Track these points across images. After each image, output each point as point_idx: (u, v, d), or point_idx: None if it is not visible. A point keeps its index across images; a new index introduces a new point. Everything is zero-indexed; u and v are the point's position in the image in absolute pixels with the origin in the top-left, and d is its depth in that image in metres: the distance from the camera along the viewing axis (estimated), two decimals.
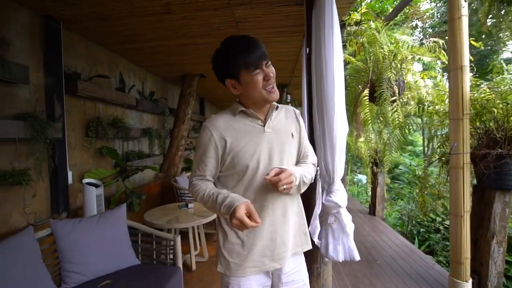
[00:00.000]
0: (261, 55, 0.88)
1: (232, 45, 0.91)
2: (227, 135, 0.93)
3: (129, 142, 3.39)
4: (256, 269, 0.97)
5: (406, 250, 2.82)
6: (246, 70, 0.88)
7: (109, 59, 3.07)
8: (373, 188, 3.89)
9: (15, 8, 1.97)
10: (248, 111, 0.95)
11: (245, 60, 0.87)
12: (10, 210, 1.89)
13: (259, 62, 0.88)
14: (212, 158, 0.95)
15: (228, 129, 0.94)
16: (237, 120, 0.96)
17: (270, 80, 0.91)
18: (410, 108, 2.30)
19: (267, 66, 0.91)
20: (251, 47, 0.88)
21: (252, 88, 0.91)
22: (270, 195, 0.95)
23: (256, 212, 0.85)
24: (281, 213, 0.98)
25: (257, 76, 0.89)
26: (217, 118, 0.97)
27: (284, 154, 0.98)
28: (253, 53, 0.87)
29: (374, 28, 2.66)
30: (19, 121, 1.85)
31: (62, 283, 1.50)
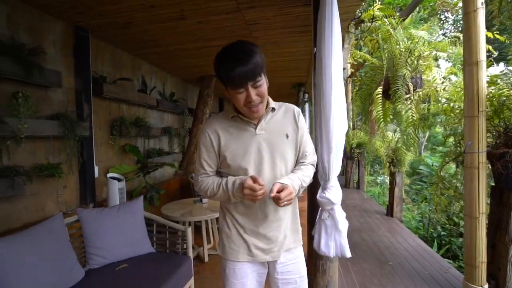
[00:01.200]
0: (247, 75, 0.85)
1: (224, 57, 0.88)
2: (221, 134, 0.99)
3: (150, 140, 3.62)
4: (249, 258, 1.04)
5: (422, 252, 2.73)
6: (230, 87, 0.89)
7: (132, 63, 3.30)
8: (390, 189, 3.78)
9: (51, 21, 2.22)
10: (239, 116, 0.99)
11: (228, 78, 0.86)
12: (45, 199, 2.13)
13: (243, 83, 0.86)
14: (211, 154, 1.02)
15: (223, 130, 1.00)
16: (231, 124, 1.01)
17: (251, 102, 0.89)
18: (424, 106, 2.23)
19: (254, 86, 0.88)
20: (238, 65, 0.83)
21: (235, 102, 0.93)
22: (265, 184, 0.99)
23: (251, 206, 0.99)
24: (273, 210, 1.02)
25: (238, 95, 0.89)
26: (212, 120, 1.04)
27: (276, 154, 1.00)
28: (237, 73, 0.83)
29: (389, 24, 2.60)
30: (53, 121, 2.09)
31: (87, 264, 1.69)
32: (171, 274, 1.65)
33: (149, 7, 2.12)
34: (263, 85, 0.90)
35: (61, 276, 1.43)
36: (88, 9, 2.12)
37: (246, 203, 1.02)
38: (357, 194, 5.42)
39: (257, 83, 0.88)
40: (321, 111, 1.67)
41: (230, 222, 1.06)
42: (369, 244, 2.97)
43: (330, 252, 1.60)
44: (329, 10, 1.58)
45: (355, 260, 2.57)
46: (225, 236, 1.06)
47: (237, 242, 1.04)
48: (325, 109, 1.64)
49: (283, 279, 1.08)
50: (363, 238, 3.14)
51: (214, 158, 1.03)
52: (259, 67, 0.86)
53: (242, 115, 0.98)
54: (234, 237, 1.04)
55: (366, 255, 2.68)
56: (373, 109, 2.70)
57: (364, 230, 3.40)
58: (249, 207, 1.02)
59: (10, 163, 1.84)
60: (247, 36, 2.82)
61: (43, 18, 2.14)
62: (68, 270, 1.47)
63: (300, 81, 5.11)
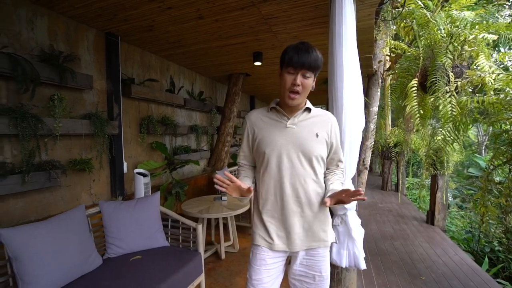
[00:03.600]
0: (304, 62, 0.99)
1: (295, 44, 1.04)
2: (255, 126, 1.14)
3: (177, 138, 3.78)
4: (267, 244, 1.10)
5: (466, 269, 2.37)
6: (285, 66, 1.03)
7: (160, 64, 3.48)
8: (431, 193, 3.35)
9: (85, 29, 2.44)
10: (277, 107, 1.11)
11: (289, 57, 1.01)
12: (79, 191, 2.37)
13: (298, 66, 1.00)
14: (246, 145, 1.18)
15: (258, 121, 1.14)
16: (268, 115, 1.14)
17: (295, 87, 1.02)
18: (465, 98, 1.89)
19: (304, 75, 1.01)
20: (301, 52, 0.99)
21: (282, 83, 1.05)
22: (282, 181, 1.07)
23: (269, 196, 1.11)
24: (294, 203, 1.08)
25: (287, 75, 1.03)
26: (253, 112, 1.19)
27: (301, 149, 1.07)
28: (297, 56, 0.99)
29: (425, 7, 2.29)
30: (85, 120, 2.30)
31: (106, 253, 1.82)
32: (179, 269, 1.69)
33: (166, 9, 2.19)
34: (310, 80, 1.04)
35: (80, 261, 1.56)
36: (114, 15, 2.27)
37: (268, 189, 1.10)
38: (394, 197, 4.96)
39: (307, 75, 1.02)
40: (333, 109, 1.54)
41: (256, 206, 1.17)
42: (401, 254, 2.68)
43: (342, 261, 1.48)
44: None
45: (382, 271, 2.34)
46: (253, 219, 1.18)
47: (259, 225, 1.13)
48: (337, 107, 1.52)
49: (300, 272, 1.12)
50: (395, 246, 2.85)
51: (247, 149, 1.18)
52: (316, 65, 1.01)
53: (278, 107, 1.11)
54: (256, 220, 1.15)
55: (395, 266, 2.42)
56: (406, 104, 2.41)
57: (398, 238, 3.09)
58: (271, 192, 1.09)
59: (48, 158, 2.08)
60: (267, 31, 2.75)
61: (78, 27, 2.36)
62: (86, 257, 1.61)
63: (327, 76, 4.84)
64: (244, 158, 1.20)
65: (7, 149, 1.86)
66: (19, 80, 1.76)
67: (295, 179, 1.07)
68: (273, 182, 1.08)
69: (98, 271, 1.62)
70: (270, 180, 1.09)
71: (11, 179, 1.78)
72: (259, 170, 1.14)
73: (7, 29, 1.87)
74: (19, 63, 1.78)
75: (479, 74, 1.88)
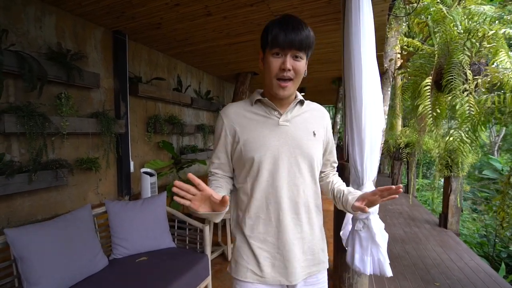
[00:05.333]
0: (294, 40, 0.77)
1: (278, 19, 0.83)
2: (236, 124, 0.87)
3: (185, 137, 3.76)
4: (259, 279, 0.85)
5: (482, 275, 2.27)
6: (269, 47, 0.81)
7: (168, 63, 3.45)
8: (445, 196, 3.24)
9: (92, 27, 2.42)
10: (264, 100, 0.87)
11: (273, 36, 0.78)
12: (86, 190, 2.36)
13: (285, 47, 0.78)
14: (222, 150, 0.90)
15: (239, 117, 0.88)
16: (252, 109, 0.89)
17: (285, 72, 0.80)
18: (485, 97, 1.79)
19: (294, 58, 0.80)
20: (288, 27, 0.78)
21: (267, 70, 0.83)
22: (278, 195, 0.84)
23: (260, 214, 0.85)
24: (292, 221, 0.85)
25: (273, 59, 0.80)
26: (231, 105, 0.92)
27: (298, 151, 0.86)
28: (283, 34, 0.77)
29: (441, 2, 2.19)
30: (92, 119, 2.28)
31: (111, 254, 1.80)
32: (185, 271, 1.66)
33: (174, 5, 2.16)
34: (302, 63, 0.82)
35: (85, 262, 1.54)
36: (121, 13, 2.25)
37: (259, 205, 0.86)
38: (405, 199, 4.84)
39: (298, 57, 0.81)
40: (352, 108, 1.48)
41: (238, 229, 0.90)
42: (413, 258, 2.59)
43: (366, 269, 1.40)
44: None
45: (394, 275, 2.25)
46: (235, 247, 0.90)
47: (246, 256, 0.86)
48: (355, 106, 1.45)
49: None
50: (407, 251, 2.76)
51: (224, 155, 0.91)
52: (307, 43, 0.80)
53: (266, 100, 0.87)
54: (243, 249, 0.87)
55: (408, 271, 2.34)
56: (419, 103, 2.32)
57: (409, 241, 2.99)
58: (263, 210, 0.86)
59: (55, 157, 2.07)
60: None
61: (85, 25, 2.35)
62: (91, 258, 1.58)
63: (339, 75, 4.75)
64: (218, 167, 0.91)
65: (14, 147, 1.85)
66: (27, 78, 1.75)
67: (294, 191, 0.85)
68: (266, 196, 0.84)
69: (104, 273, 1.60)
70: (261, 194, 0.84)
71: (19, 177, 1.77)
72: (243, 182, 0.88)
73: (16, 28, 1.86)
74: (26, 61, 1.77)
75: (501, 71, 1.78)
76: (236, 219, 0.92)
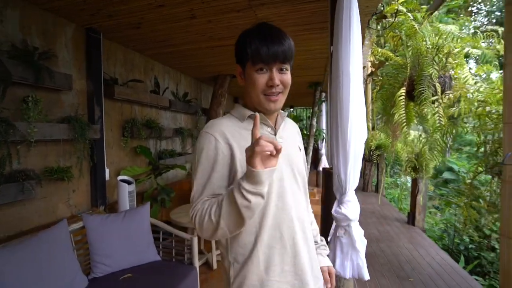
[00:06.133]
0: (277, 54, 0.71)
1: (254, 29, 0.76)
2: (233, 142, 0.74)
3: (162, 141, 3.60)
4: None
5: (448, 269, 2.51)
6: (251, 63, 0.74)
7: (145, 64, 3.28)
8: (412, 196, 3.53)
9: (63, 24, 2.21)
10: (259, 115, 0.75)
11: (254, 50, 0.72)
12: (57, 202, 2.15)
13: (270, 61, 0.72)
14: (222, 173, 0.73)
15: (235, 136, 0.75)
16: (245, 126, 0.78)
17: (274, 88, 0.73)
18: (454, 109, 2.00)
19: (280, 71, 0.74)
20: (269, 40, 0.72)
21: (251, 86, 0.75)
22: (290, 219, 0.76)
23: (274, 244, 0.74)
24: (302, 241, 0.78)
25: (258, 75, 0.73)
26: (220, 122, 0.79)
27: (294, 168, 0.82)
28: (265, 47, 0.71)
29: (414, 19, 2.38)
30: (64, 124, 2.09)
31: (91, 272, 1.66)
32: (175, 286, 1.59)
33: (157, 6, 2.06)
34: (288, 74, 0.77)
35: (63, 286, 1.40)
36: (97, 10, 2.09)
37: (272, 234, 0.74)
38: (375, 198, 5.16)
39: (283, 69, 0.75)
40: (338, 118, 1.53)
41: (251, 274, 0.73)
42: (388, 256, 2.78)
43: (346, 273, 1.48)
44: (347, 6, 1.43)
45: (373, 274, 2.39)
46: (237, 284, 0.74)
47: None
48: (342, 116, 1.50)
49: None
50: (382, 249, 2.94)
51: (224, 178, 0.73)
52: (290, 53, 0.75)
53: (261, 115, 0.78)
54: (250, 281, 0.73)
55: (385, 269, 2.50)
56: (395, 111, 2.49)
57: (383, 239, 3.20)
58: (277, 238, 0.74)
59: (21, 167, 1.86)
60: None
61: (55, 21, 2.14)
62: (70, 280, 1.45)
63: (317, 80, 4.92)
64: (211, 193, 0.72)
65: None
66: None
67: (299, 209, 0.80)
68: (278, 223, 0.75)
69: None
70: (273, 221, 0.74)
71: None
72: None
73: None
74: None
75: (468, 87, 1.98)
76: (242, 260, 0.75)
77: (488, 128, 1.96)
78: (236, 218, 0.62)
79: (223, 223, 0.63)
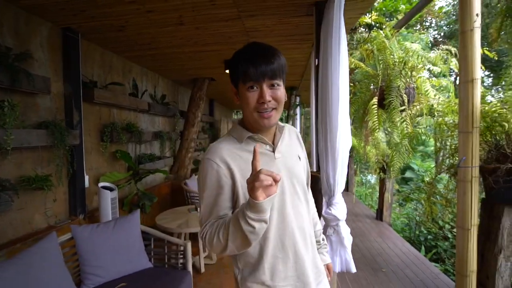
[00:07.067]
0: (266, 72, 0.74)
1: (243, 50, 0.80)
2: (233, 166, 0.78)
3: (141, 145, 3.50)
4: None
5: (413, 258, 2.83)
6: (242, 82, 0.77)
7: (122, 65, 3.17)
8: (380, 194, 3.89)
9: (38, 22, 2.08)
10: (256, 136, 0.82)
11: (243, 70, 0.75)
12: (33, 213, 2.01)
13: (259, 78, 0.74)
14: (226, 195, 0.78)
15: (235, 159, 0.79)
16: (243, 147, 0.81)
17: (265, 105, 0.75)
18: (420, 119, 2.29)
19: (271, 87, 0.76)
20: (258, 59, 0.74)
21: (245, 105, 0.78)
22: (290, 230, 0.82)
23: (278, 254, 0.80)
24: (303, 246, 0.85)
25: (249, 93, 0.76)
26: (219, 146, 0.81)
27: (294, 179, 0.86)
28: (254, 66, 0.73)
29: (384, 36, 2.65)
30: (41, 130, 1.96)
31: (82, 284, 1.61)
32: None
33: (145, 12, 2.04)
34: (281, 89, 0.78)
35: None
36: (80, 11, 2.00)
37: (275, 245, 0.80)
38: (346, 196, 5.51)
39: (274, 85, 0.76)
40: (327, 128, 1.67)
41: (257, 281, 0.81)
42: (361, 250, 3.04)
43: (336, 267, 1.62)
44: (336, 25, 1.56)
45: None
46: None
47: None
48: (331, 126, 1.64)
49: None
50: (356, 243, 3.20)
51: (228, 200, 0.79)
52: (280, 68, 0.76)
53: (258, 136, 0.82)
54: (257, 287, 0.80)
55: (360, 262, 2.74)
56: (368, 119, 2.75)
57: (356, 235, 3.47)
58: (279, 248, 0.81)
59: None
60: (245, 43, 2.76)
61: (28, 19, 2.00)
62: None
63: (293, 85, 5.13)
64: (217, 214, 0.78)
65: None
66: None
67: (299, 218, 0.85)
68: (280, 234, 0.81)
69: None
70: (274, 234, 0.80)
71: None
72: None
73: None
74: None
75: (431, 101, 2.27)
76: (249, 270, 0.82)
77: (446, 135, 2.27)
78: (242, 240, 0.68)
79: (230, 244, 0.70)
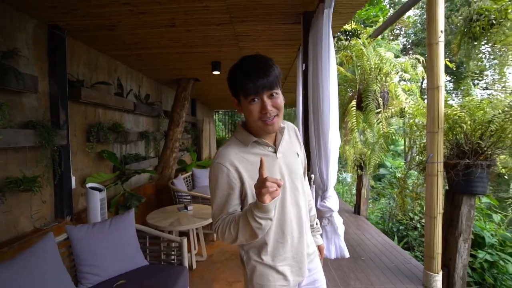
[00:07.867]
0: (264, 85, 0.81)
1: (240, 65, 0.86)
2: (241, 168, 0.87)
3: (127, 146, 3.46)
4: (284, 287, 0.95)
5: (388, 247, 3.10)
6: (243, 96, 0.84)
7: (108, 64, 3.12)
8: (357, 189, 4.17)
9: (23, 18, 2.02)
10: (260, 140, 0.91)
11: (243, 86, 0.82)
12: (18, 216, 1.95)
13: (258, 92, 0.81)
14: (236, 194, 0.88)
15: (242, 162, 0.88)
16: (249, 151, 0.90)
17: (268, 114, 0.83)
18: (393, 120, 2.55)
19: (270, 96, 0.83)
20: (255, 74, 0.81)
21: (249, 116, 0.86)
22: (288, 220, 0.93)
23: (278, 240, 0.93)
24: (299, 232, 0.96)
25: (252, 106, 0.83)
26: (228, 151, 0.89)
27: (293, 174, 0.95)
28: (252, 82, 0.80)
29: (362, 44, 2.89)
30: (29, 130, 1.91)
31: (79, 284, 1.61)
32: (172, 286, 1.67)
33: (138, 13, 2.07)
34: (279, 97, 0.85)
35: None
36: (71, 10, 1.98)
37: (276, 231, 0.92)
38: None
39: (273, 94, 0.84)
40: (320, 127, 1.82)
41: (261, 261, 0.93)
42: None
43: (331, 255, 1.79)
44: (326, 33, 1.70)
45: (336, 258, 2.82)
46: (255, 275, 0.94)
47: (272, 277, 0.93)
48: (323, 126, 1.80)
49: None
50: None
51: (237, 199, 0.89)
52: (276, 78, 0.84)
53: (262, 140, 0.91)
54: (266, 273, 0.93)
55: None
56: (348, 120, 2.98)
57: None
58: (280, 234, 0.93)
59: None
60: (233, 45, 2.88)
61: (13, 15, 1.94)
62: None
63: None
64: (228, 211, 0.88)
65: None
66: None
67: (297, 208, 0.96)
68: (280, 225, 0.92)
69: None
70: (276, 224, 0.92)
71: None
72: None
73: None
74: None
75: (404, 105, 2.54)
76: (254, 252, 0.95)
77: (416, 135, 2.55)
78: (250, 234, 0.80)
79: (241, 236, 0.82)
